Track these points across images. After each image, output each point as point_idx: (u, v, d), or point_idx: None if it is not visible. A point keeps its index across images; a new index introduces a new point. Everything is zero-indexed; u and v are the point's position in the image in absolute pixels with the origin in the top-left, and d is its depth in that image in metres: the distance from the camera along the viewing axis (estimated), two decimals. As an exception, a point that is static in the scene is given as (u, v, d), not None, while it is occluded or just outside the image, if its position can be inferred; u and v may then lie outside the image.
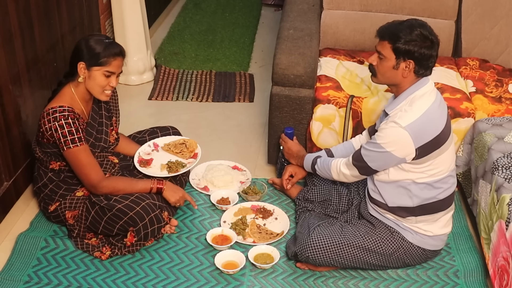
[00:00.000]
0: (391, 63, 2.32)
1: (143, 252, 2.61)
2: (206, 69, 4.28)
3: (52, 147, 2.54)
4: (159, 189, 2.64)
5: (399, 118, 2.29)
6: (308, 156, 2.74)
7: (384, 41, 2.32)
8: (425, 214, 2.42)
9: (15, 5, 2.60)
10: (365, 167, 2.42)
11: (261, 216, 2.82)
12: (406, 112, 2.30)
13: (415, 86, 2.34)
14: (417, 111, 2.29)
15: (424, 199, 2.40)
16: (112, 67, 2.47)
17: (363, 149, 2.40)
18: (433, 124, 2.31)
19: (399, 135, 2.28)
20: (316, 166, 2.65)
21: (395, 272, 2.54)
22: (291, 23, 3.24)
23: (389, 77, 2.36)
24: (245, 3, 5.52)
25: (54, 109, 2.46)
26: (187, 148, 2.90)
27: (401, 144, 2.29)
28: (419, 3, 3.39)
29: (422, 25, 2.30)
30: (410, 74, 2.31)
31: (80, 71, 2.48)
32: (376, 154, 2.35)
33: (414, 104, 2.31)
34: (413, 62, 2.28)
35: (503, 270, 2.31)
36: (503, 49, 3.36)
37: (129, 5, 3.83)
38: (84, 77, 2.49)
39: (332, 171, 2.55)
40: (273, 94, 2.96)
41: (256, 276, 2.52)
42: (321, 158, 2.66)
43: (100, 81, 2.49)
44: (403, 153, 2.31)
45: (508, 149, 2.63)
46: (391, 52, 2.30)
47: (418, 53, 2.26)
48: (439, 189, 2.41)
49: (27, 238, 2.63)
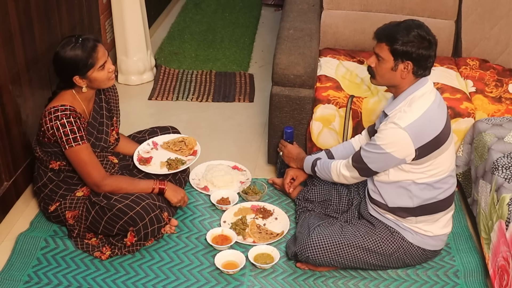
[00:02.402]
0: (389, 64, 2.32)
1: (143, 252, 2.61)
2: (206, 69, 4.28)
3: (52, 146, 2.54)
4: (161, 190, 2.64)
5: (398, 119, 2.29)
6: (308, 159, 2.74)
7: (381, 43, 2.32)
8: (425, 215, 2.42)
9: (15, 5, 2.60)
10: (365, 169, 2.41)
11: (261, 216, 2.82)
12: (405, 112, 2.30)
13: (414, 86, 2.34)
14: (417, 112, 2.29)
15: (424, 199, 2.40)
16: (101, 60, 2.48)
17: (363, 151, 2.40)
18: (432, 124, 2.31)
19: (398, 136, 2.28)
20: (316, 168, 2.65)
21: (395, 272, 2.54)
22: (291, 23, 3.24)
23: (388, 79, 2.36)
24: (245, 3, 5.52)
25: (56, 108, 2.46)
26: (186, 146, 2.90)
27: (400, 145, 2.29)
28: (419, 3, 3.39)
29: (419, 25, 2.29)
30: (408, 75, 2.31)
31: (78, 82, 2.50)
32: (376, 156, 2.35)
33: (413, 104, 2.31)
34: (411, 63, 2.28)
35: (503, 270, 2.31)
36: (503, 49, 3.36)
37: (129, 5, 3.83)
38: (86, 84, 2.52)
39: (332, 173, 2.55)
40: (273, 94, 2.96)
41: (256, 276, 2.52)
42: (320, 160, 2.65)
43: (101, 77, 2.51)
44: (403, 154, 2.31)
45: (508, 149, 2.63)
46: (389, 54, 2.30)
47: (416, 54, 2.26)
48: (439, 189, 2.41)
49: (27, 238, 2.63)
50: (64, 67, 2.47)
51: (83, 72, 2.47)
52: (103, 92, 2.71)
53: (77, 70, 2.46)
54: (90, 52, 2.45)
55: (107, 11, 3.90)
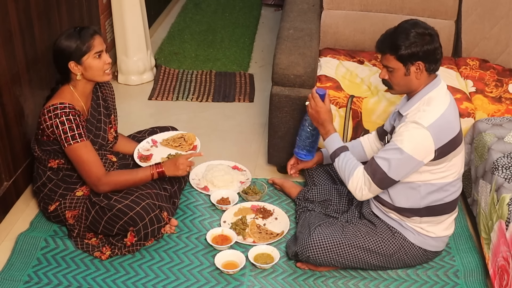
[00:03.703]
0: (401, 72, 2.30)
1: (143, 252, 2.61)
2: (206, 69, 4.28)
3: (52, 144, 2.54)
4: (160, 173, 2.61)
5: (420, 118, 2.25)
6: (335, 138, 2.48)
7: (386, 55, 2.31)
8: (431, 216, 2.42)
9: (15, 5, 2.60)
10: (384, 179, 2.31)
11: (261, 216, 2.82)
12: (425, 111, 2.27)
13: (428, 87, 2.32)
14: (437, 111, 2.27)
15: (432, 201, 2.39)
16: (97, 47, 2.48)
17: (379, 159, 2.31)
18: (451, 126, 2.30)
19: (422, 137, 2.24)
20: (337, 159, 2.44)
21: (395, 272, 2.54)
22: (291, 23, 3.24)
23: (404, 85, 2.34)
24: (245, 3, 5.52)
25: (55, 105, 2.46)
26: (185, 141, 2.90)
27: (423, 146, 2.25)
28: (419, 3, 3.39)
29: (414, 24, 2.29)
30: (422, 74, 2.30)
31: (73, 69, 2.48)
32: (397, 161, 2.27)
33: (432, 103, 2.29)
34: (421, 62, 2.27)
35: (503, 270, 2.31)
36: (503, 49, 3.36)
37: (129, 5, 3.83)
38: (81, 73, 2.50)
39: (352, 182, 2.37)
40: (273, 94, 2.96)
41: (256, 276, 2.52)
42: (346, 153, 2.44)
43: (96, 65, 2.50)
44: (423, 155, 2.27)
45: (508, 149, 2.63)
46: (397, 62, 2.29)
47: (422, 52, 2.25)
48: (447, 192, 2.40)
49: (27, 238, 2.63)
50: (60, 53, 2.47)
51: (78, 56, 2.45)
52: (100, 90, 2.71)
53: (72, 55, 2.45)
54: (86, 38, 2.46)
55: (107, 11, 3.90)
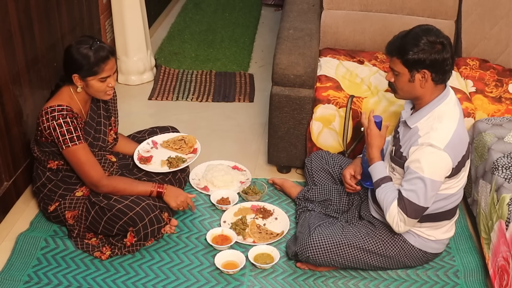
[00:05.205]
0: (405, 77, 2.27)
1: (143, 252, 2.61)
2: (206, 69, 4.28)
3: (50, 145, 2.54)
4: (159, 193, 2.63)
5: (434, 140, 2.20)
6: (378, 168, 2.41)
7: (393, 57, 2.29)
8: (431, 222, 2.41)
9: (15, 5, 2.60)
10: (416, 210, 2.24)
11: (261, 216, 2.82)
12: (437, 130, 2.22)
13: (438, 99, 2.29)
14: (449, 128, 2.23)
15: (434, 209, 2.36)
16: (105, 73, 2.47)
17: (406, 192, 2.24)
18: (463, 143, 2.28)
19: (440, 159, 2.20)
20: (377, 190, 2.37)
21: (395, 272, 2.54)
22: (291, 23, 3.24)
23: (408, 91, 2.32)
24: (245, 3, 5.52)
25: (53, 108, 2.46)
26: (186, 144, 2.90)
27: (442, 168, 2.21)
28: (419, 3, 3.39)
29: (427, 30, 2.24)
30: (428, 83, 2.26)
31: (76, 82, 2.50)
32: (423, 189, 2.21)
33: (443, 119, 2.25)
34: (427, 71, 2.23)
35: (503, 270, 2.31)
36: (503, 49, 3.36)
37: (129, 5, 3.83)
38: (82, 86, 2.51)
39: (388, 217, 2.31)
40: (273, 94, 2.96)
41: (256, 276, 2.52)
42: (386, 185, 2.35)
43: (98, 87, 2.50)
44: (444, 175, 2.24)
45: (508, 149, 2.63)
46: (403, 66, 2.26)
47: (430, 60, 2.20)
48: (449, 200, 2.38)
49: (27, 238, 2.63)
50: (70, 62, 2.47)
51: (84, 74, 2.46)
52: None
53: (79, 70, 2.45)
54: (99, 60, 2.44)
55: (107, 11, 3.90)
